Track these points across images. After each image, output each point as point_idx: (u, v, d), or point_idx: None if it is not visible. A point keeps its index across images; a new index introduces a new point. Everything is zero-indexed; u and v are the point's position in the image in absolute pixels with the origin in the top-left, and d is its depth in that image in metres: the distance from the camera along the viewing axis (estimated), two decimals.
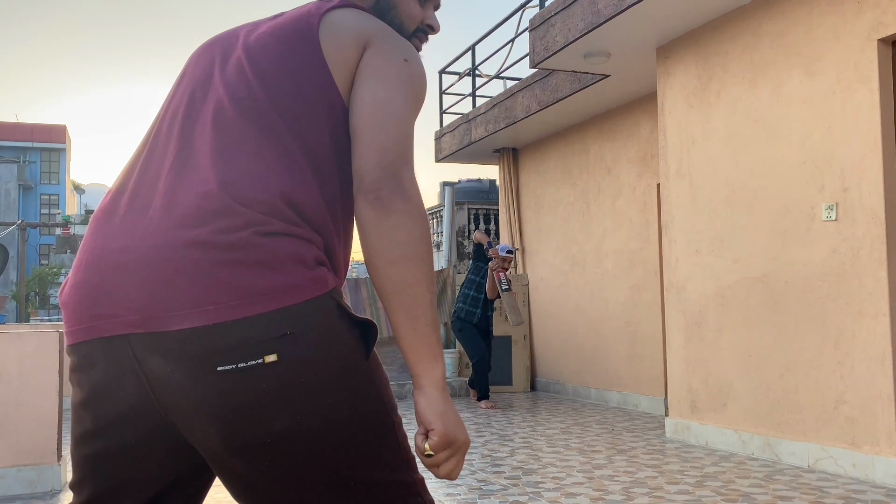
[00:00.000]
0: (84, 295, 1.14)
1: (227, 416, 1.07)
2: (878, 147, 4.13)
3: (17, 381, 4.17)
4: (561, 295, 8.45)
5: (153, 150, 1.24)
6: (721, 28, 5.22)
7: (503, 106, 8.47)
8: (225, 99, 1.22)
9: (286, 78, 1.22)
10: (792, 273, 4.64)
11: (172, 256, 1.08)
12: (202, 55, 1.33)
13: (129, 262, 1.10)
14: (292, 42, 1.24)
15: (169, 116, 1.27)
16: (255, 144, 1.17)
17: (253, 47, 1.26)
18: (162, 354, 1.07)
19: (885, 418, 4.06)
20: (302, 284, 1.10)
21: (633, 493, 3.92)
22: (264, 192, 1.13)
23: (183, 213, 1.11)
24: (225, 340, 1.05)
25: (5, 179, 41.83)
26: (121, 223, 1.15)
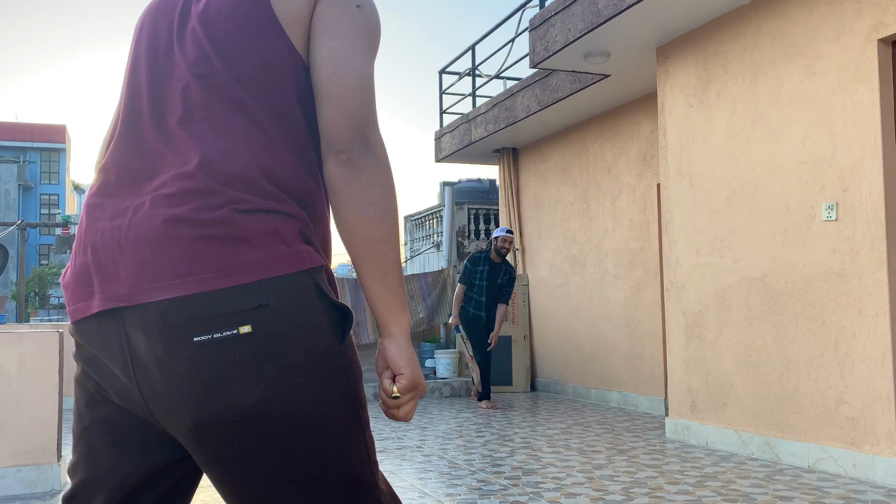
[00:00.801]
0: (80, 274, 1.18)
1: (199, 389, 1.08)
2: (878, 147, 4.13)
3: (17, 381, 4.17)
4: (561, 295, 8.45)
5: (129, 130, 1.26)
6: (721, 28, 5.22)
7: (503, 106, 8.47)
8: (189, 78, 1.22)
9: (245, 47, 1.22)
10: (792, 273, 4.64)
11: (157, 233, 1.11)
12: (155, 23, 1.32)
13: (121, 241, 1.14)
14: (245, 8, 1.23)
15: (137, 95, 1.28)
16: (226, 122, 1.19)
17: (207, 17, 1.25)
18: (144, 328, 1.10)
19: (885, 418, 4.06)
20: (279, 260, 1.12)
21: (633, 494, 3.92)
22: (241, 168, 1.16)
23: (167, 193, 1.14)
24: (201, 310, 1.08)
25: (5, 179, 41.84)
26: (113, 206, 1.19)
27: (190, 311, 1.08)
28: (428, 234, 16.55)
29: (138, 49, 1.32)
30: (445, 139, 10.06)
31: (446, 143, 10.02)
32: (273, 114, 1.22)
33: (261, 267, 1.10)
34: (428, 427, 6.24)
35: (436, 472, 4.55)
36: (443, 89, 10.26)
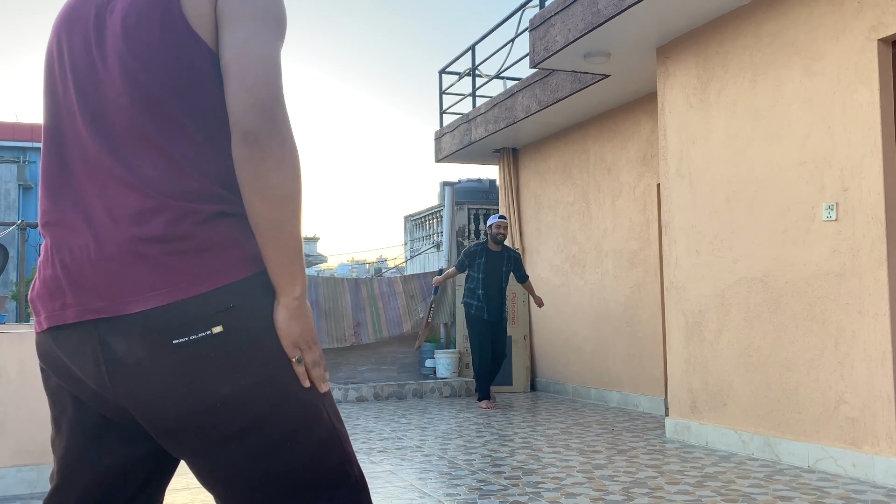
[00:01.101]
0: (53, 289, 1.28)
1: (181, 384, 1.21)
2: (878, 147, 4.13)
3: (17, 381, 4.17)
4: (561, 295, 8.45)
5: (67, 149, 1.32)
6: (721, 28, 5.22)
7: (503, 106, 8.47)
8: (119, 95, 1.28)
9: (166, 58, 1.27)
10: (792, 273, 4.64)
11: (126, 252, 1.22)
12: (71, 38, 1.36)
13: (91, 258, 1.24)
14: (159, 18, 1.27)
15: (70, 113, 1.33)
16: (162, 135, 1.26)
17: (125, 31, 1.29)
18: (124, 335, 1.21)
19: (885, 418, 4.06)
20: (239, 265, 1.25)
21: (633, 494, 3.92)
22: (187, 179, 1.25)
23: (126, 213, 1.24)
24: (179, 317, 1.20)
25: (5, 179, 41.81)
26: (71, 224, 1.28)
27: (168, 319, 1.20)
28: (428, 234, 16.55)
29: (59, 65, 1.36)
30: (445, 139, 10.06)
31: (446, 143, 10.02)
32: (205, 118, 1.28)
33: (224, 273, 1.23)
34: (428, 427, 6.24)
35: (436, 472, 4.55)
36: (443, 89, 10.26)
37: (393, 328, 9.09)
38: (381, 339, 8.99)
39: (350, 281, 9.18)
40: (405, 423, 6.44)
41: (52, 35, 1.41)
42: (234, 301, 1.23)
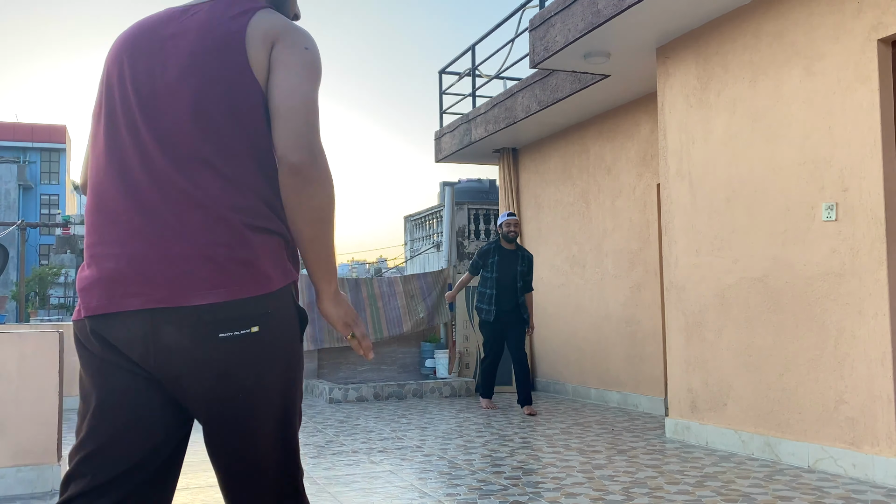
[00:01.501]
0: (113, 278, 1.48)
1: (220, 371, 1.46)
2: (878, 147, 4.13)
3: (17, 381, 4.17)
4: (561, 295, 8.45)
5: (135, 162, 1.52)
6: (721, 28, 5.22)
7: (503, 106, 8.47)
8: (187, 121, 1.51)
9: (228, 92, 1.52)
10: (792, 273, 4.64)
11: (195, 254, 1.46)
12: (134, 61, 1.58)
13: (159, 257, 1.46)
14: (226, 58, 1.53)
15: (134, 130, 1.53)
16: (221, 159, 1.50)
17: (191, 64, 1.53)
18: (176, 324, 1.44)
19: (885, 418, 4.06)
20: (277, 277, 1.52)
21: (633, 494, 3.92)
22: (242, 198, 1.50)
23: (192, 221, 1.47)
24: (227, 314, 1.45)
25: (5, 179, 41.83)
26: (139, 229, 1.49)
27: (218, 314, 1.45)
28: (428, 235, 16.55)
29: (119, 89, 1.57)
30: (445, 139, 10.06)
31: (446, 143, 10.02)
32: (254, 146, 1.54)
33: (266, 282, 1.49)
34: (428, 427, 6.24)
35: (436, 472, 4.55)
36: (443, 89, 10.26)
37: (393, 328, 9.09)
38: (381, 338, 8.99)
39: (350, 281, 9.19)
40: (405, 423, 6.44)
41: (111, 61, 1.61)
42: (271, 307, 1.50)
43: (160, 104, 1.53)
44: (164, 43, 1.57)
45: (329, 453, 5.18)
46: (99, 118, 1.60)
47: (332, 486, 4.21)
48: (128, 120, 1.54)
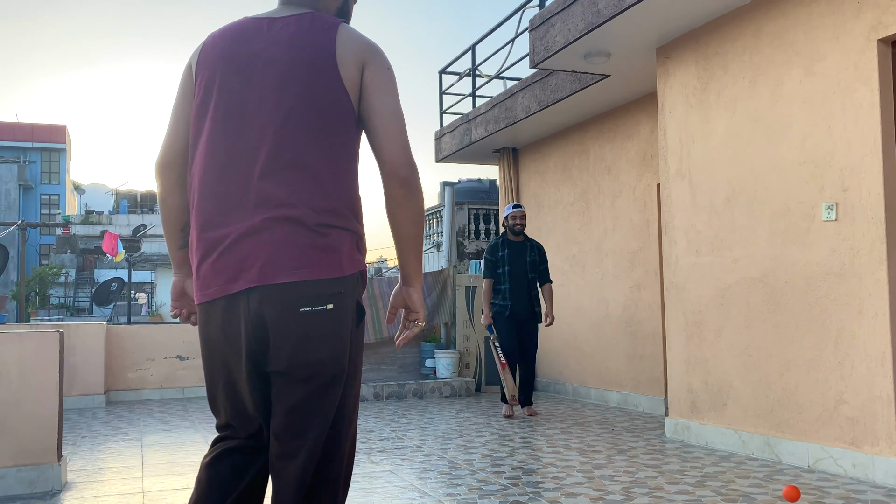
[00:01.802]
0: (220, 269, 1.75)
1: (298, 341, 1.71)
2: (878, 147, 4.13)
3: (17, 381, 4.17)
4: (561, 295, 8.45)
5: (234, 166, 1.76)
6: (721, 28, 5.22)
7: (503, 106, 8.47)
8: (285, 129, 1.74)
9: (323, 103, 1.76)
10: (792, 273, 4.64)
11: (280, 241, 1.71)
12: (227, 71, 1.80)
13: (251, 245, 1.72)
14: (322, 71, 1.77)
15: (231, 136, 1.77)
16: (314, 165, 1.75)
17: (289, 76, 1.76)
18: (267, 300, 1.70)
19: (885, 418, 4.06)
20: (349, 264, 1.78)
21: (633, 493, 3.92)
22: (327, 200, 1.75)
23: (282, 216, 1.72)
24: (307, 292, 1.71)
25: (5, 179, 41.83)
26: (237, 225, 1.74)
27: (299, 292, 1.70)
28: (428, 234, 16.55)
29: (218, 97, 1.80)
30: (445, 139, 10.06)
31: (446, 143, 10.02)
32: (346, 157, 1.80)
33: (339, 268, 1.75)
34: (428, 427, 6.24)
35: (436, 472, 4.55)
36: (443, 89, 10.26)
37: (393, 328, 9.08)
38: (381, 338, 8.99)
39: None
40: (405, 423, 6.44)
41: (207, 69, 1.83)
42: (342, 289, 1.75)
43: (260, 112, 1.76)
44: (258, 55, 1.79)
45: None
46: (200, 121, 1.82)
47: None
48: (232, 125, 1.78)
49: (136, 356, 8.74)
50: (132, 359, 8.72)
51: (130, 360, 8.72)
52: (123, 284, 31.41)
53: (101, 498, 4.04)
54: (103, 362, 8.17)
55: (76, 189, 51.57)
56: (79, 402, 8.01)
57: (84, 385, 8.07)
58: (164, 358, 8.84)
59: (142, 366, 8.75)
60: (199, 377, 8.94)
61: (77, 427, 6.60)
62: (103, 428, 6.54)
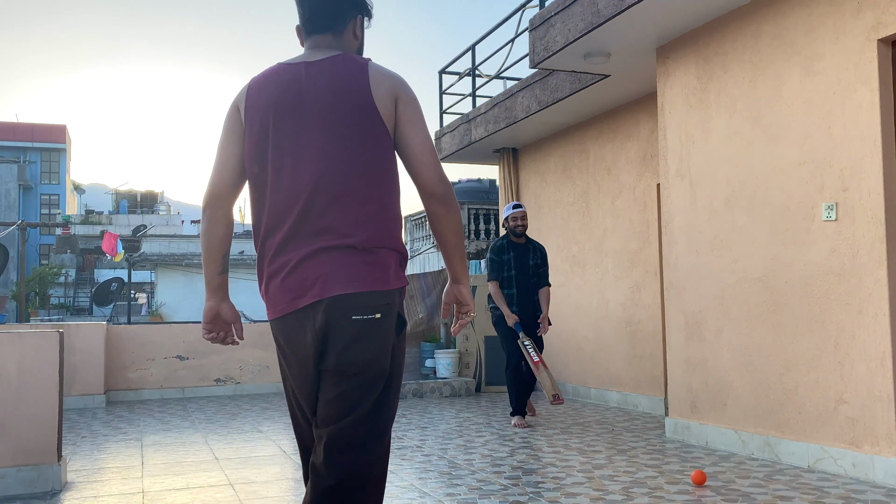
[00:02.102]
0: (290, 288, 1.99)
1: (349, 344, 1.95)
2: (877, 147, 4.13)
3: (17, 381, 4.17)
4: (561, 295, 8.45)
5: (285, 192, 2.00)
6: (721, 28, 5.22)
7: (503, 106, 8.47)
8: (339, 164, 1.99)
9: (366, 137, 2.01)
10: (792, 273, 4.64)
11: (337, 260, 1.97)
12: (281, 110, 2.03)
13: (312, 267, 1.97)
14: (361, 109, 2.01)
15: (288, 168, 2.01)
16: (366, 192, 2.00)
17: (334, 117, 2.00)
18: (327, 309, 1.95)
19: (885, 418, 4.06)
20: (394, 280, 2.03)
21: (633, 493, 3.92)
22: (374, 227, 2.00)
23: (335, 243, 1.97)
24: (359, 302, 1.95)
25: (5, 179, 41.82)
26: (293, 248, 1.99)
27: (352, 302, 1.95)
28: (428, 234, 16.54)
29: (274, 133, 2.03)
30: (445, 139, 10.06)
31: (446, 143, 10.02)
32: (388, 184, 2.05)
33: (386, 283, 2.00)
34: (428, 427, 6.24)
35: (436, 472, 4.55)
36: (443, 89, 10.25)
37: None
38: None
39: None
40: (405, 423, 6.44)
41: (257, 113, 2.05)
42: (389, 301, 2.00)
43: (312, 150, 1.99)
44: (304, 99, 2.02)
45: None
46: (259, 160, 2.05)
47: None
48: (289, 164, 2.01)
49: (136, 356, 8.74)
50: (132, 359, 8.72)
51: (130, 360, 8.72)
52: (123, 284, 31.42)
53: (101, 498, 4.04)
54: (103, 362, 8.17)
55: (76, 189, 51.56)
56: (79, 402, 8.01)
57: (84, 385, 8.07)
58: (164, 358, 8.84)
59: (142, 366, 8.75)
60: (198, 377, 8.94)
61: (77, 427, 6.60)
62: (103, 428, 6.54)
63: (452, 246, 2.13)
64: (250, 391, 9.09)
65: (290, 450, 5.35)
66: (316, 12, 2.11)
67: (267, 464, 4.87)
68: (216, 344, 2.09)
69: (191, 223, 45.16)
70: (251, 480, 4.40)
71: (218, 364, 9.05)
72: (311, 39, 2.14)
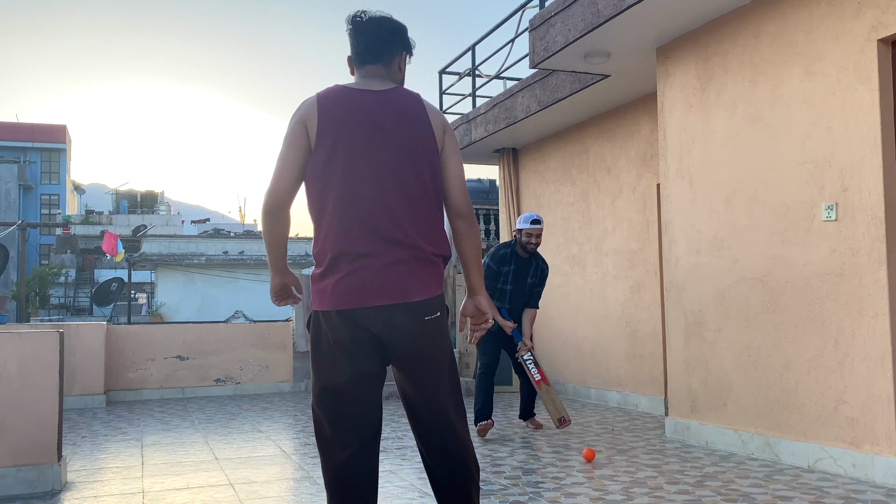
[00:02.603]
0: (359, 286, 2.32)
1: (421, 339, 2.38)
2: (877, 147, 4.13)
3: (17, 381, 4.17)
4: (561, 295, 8.45)
5: (365, 204, 2.34)
6: (721, 28, 5.22)
7: (503, 106, 8.47)
8: (409, 185, 2.38)
9: (430, 163, 2.42)
10: (792, 273, 4.64)
11: (410, 271, 2.36)
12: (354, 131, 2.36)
13: (390, 270, 2.33)
14: (427, 139, 2.43)
15: (367, 182, 2.35)
16: (430, 209, 2.41)
17: (402, 138, 2.39)
18: (403, 312, 2.33)
19: (885, 418, 4.06)
20: (441, 285, 2.43)
21: (633, 493, 3.92)
22: (430, 235, 2.41)
23: (411, 255, 2.36)
24: (428, 305, 2.37)
25: (5, 179, 41.82)
26: (374, 255, 2.33)
27: (424, 305, 2.36)
28: None
29: (347, 152, 2.35)
30: None
31: None
32: (432, 201, 2.43)
33: (440, 287, 2.42)
34: None
35: None
36: (443, 89, 10.26)
37: None
38: None
39: None
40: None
41: (326, 129, 2.34)
42: (442, 302, 2.44)
43: (387, 167, 2.34)
44: (376, 122, 2.36)
45: None
46: (330, 172, 2.34)
47: None
48: (364, 179, 2.33)
49: (136, 356, 8.74)
50: (132, 359, 8.73)
51: (130, 360, 8.72)
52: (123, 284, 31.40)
53: (101, 498, 4.04)
54: (103, 362, 8.17)
55: (76, 189, 51.55)
56: (79, 402, 8.01)
57: (84, 385, 8.08)
58: (164, 358, 8.84)
59: (142, 366, 8.75)
60: (198, 377, 8.94)
61: (77, 427, 6.60)
62: (103, 428, 6.54)
63: (473, 259, 2.50)
64: (250, 391, 9.09)
65: (289, 450, 5.35)
66: (370, 46, 2.49)
67: (267, 464, 4.87)
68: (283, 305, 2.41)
69: (191, 223, 45.14)
70: (251, 480, 4.40)
71: (218, 364, 9.05)
72: (364, 69, 2.50)
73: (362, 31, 2.49)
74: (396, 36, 2.53)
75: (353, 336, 2.34)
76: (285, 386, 9.29)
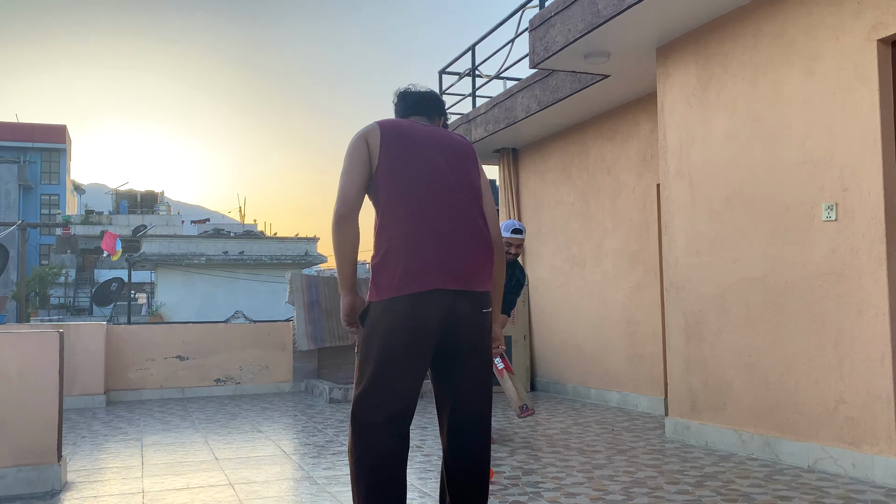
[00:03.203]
0: (426, 271, 2.56)
1: (478, 329, 2.67)
2: (877, 147, 4.13)
3: (17, 381, 4.17)
4: (561, 295, 8.45)
5: (439, 205, 2.64)
6: (721, 28, 5.22)
7: (503, 106, 8.47)
8: (469, 192, 2.74)
9: (478, 193, 2.79)
10: (792, 273, 4.64)
11: (479, 261, 2.68)
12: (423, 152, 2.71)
13: (461, 262, 2.63)
14: (473, 167, 2.81)
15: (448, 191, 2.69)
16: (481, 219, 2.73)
17: (461, 172, 2.75)
18: (467, 301, 2.62)
19: (885, 418, 4.06)
20: None
21: (633, 493, 3.92)
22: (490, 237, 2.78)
23: (476, 246, 2.68)
24: (484, 298, 2.69)
25: (5, 179, 41.82)
26: (451, 245, 2.62)
27: (484, 297, 2.69)
28: None
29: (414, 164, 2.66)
30: None
31: None
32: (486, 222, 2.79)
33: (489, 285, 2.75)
34: (428, 427, 6.24)
35: (436, 471, 4.55)
36: (443, 89, 10.25)
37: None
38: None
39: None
40: None
41: (392, 148, 2.66)
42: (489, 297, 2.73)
43: (451, 188, 2.68)
44: (438, 145, 2.73)
45: (329, 453, 5.18)
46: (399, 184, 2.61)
47: (332, 486, 4.21)
48: (433, 195, 2.64)
49: (136, 356, 8.74)
50: (132, 359, 8.73)
51: (130, 360, 8.72)
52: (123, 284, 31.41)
53: (101, 498, 4.04)
54: (103, 362, 8.17)
55: (76, 189, 51.54)
56: (79, 402, 8.01)
57: (84, 385, 8.08)
58: (164, 358, 8.84)
59: (142, 366, 8.75)
60: (198, 377, 8.94)
61: (77, 427, 6.61)
62: (103, 428, 6.54)
63: (499, 286, 2.85)
64: (250, 391, 9.09)
65: (289, 450, 5.35)
66: (418, 102, 2.95)
67: (267, 464, 4.87)
68: None
69: (191, 223, 45.15)
70: (251, 480, 4.40)
71: (218, 364, 9.05)
72: (413, 118, 2.91)
73: (411, 94, 2.95)
74: (440, 102, 2.99)
75: (420, 321, 2.56)
76: (285, 386, 9.29)
